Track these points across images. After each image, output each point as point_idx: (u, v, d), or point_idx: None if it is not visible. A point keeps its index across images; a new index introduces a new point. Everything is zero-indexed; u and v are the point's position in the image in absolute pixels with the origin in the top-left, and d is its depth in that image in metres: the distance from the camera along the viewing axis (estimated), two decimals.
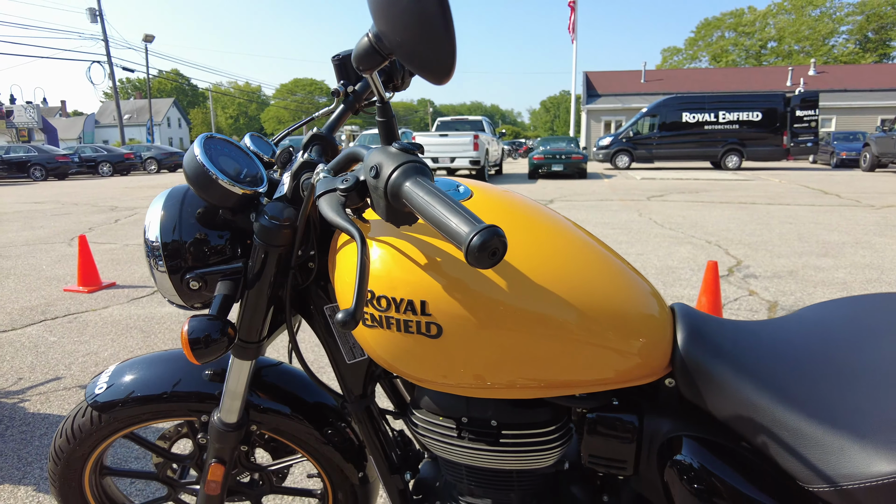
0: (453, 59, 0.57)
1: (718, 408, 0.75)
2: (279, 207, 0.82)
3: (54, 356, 2.93)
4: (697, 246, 5.85)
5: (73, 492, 1.21)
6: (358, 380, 0.95)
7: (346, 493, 1.22)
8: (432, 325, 0.71)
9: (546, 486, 0.91)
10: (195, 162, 0.81)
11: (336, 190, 0.64)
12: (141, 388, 1.08)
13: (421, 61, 0.58)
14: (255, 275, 0.87)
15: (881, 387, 0.71)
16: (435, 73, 0.58)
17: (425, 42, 0.56)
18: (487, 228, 0.49)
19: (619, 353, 0.75)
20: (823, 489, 0.68)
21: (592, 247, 0.82)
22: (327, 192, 0.64)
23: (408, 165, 0.59)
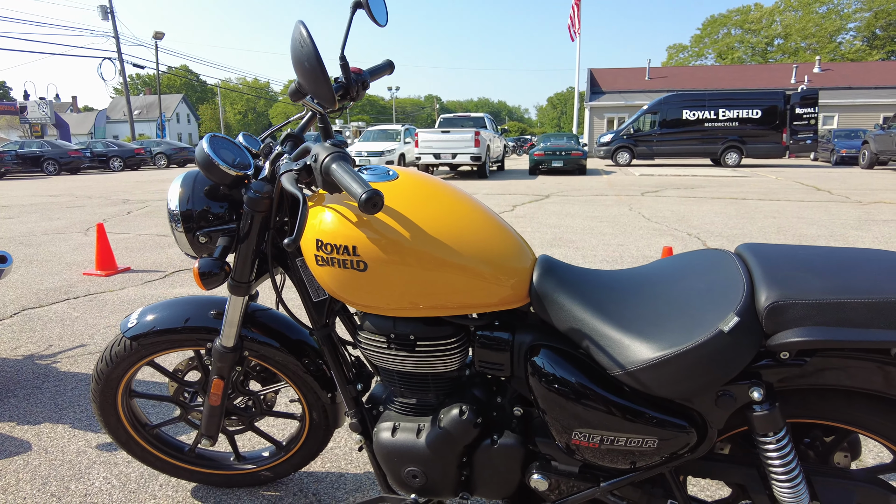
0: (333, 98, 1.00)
1: (559, 324, 1.10)
2: (261, 184, 1.18)
3: (79, 328, 3.31)
4: (677, 238, 6.17)
5: (109, 408, 1.57)
6: (321, 313, 1.31)
7: (319, 413, 1.58)
8: (360, 262, 1.06)
9: (455, 388, 1.26)
10: (203, 153, 1.17)
11: (292, 170, 0.99)
12: (162, 323, 1.44)
13: (318, 98, 1.01)
14: (244, 233, 1.23)
15: (664, 304, 1.06)
16: (325, 104, 1.03)
17: (316, 88, 0.98)
18: (370, 189, 0.84)
19: (496, 285, 1.10)
20: (618, 373, 1.03)
21: (484, 213, 1.16)
22: (287, 172, 0.99)
23: (334, 154, 0.94)
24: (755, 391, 0.99)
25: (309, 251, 1.12)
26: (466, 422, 1.17)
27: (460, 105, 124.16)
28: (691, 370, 0.97)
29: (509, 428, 1.21)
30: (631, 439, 1.06)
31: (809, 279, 0.97)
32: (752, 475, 1.12)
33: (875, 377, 0.97)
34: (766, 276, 0.99)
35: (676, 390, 0.99)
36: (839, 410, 1.04)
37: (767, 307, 0.95)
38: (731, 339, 0.95)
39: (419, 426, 1.23)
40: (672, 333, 0.99)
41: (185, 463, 1.70)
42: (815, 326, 0.93)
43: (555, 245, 5.78)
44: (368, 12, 1.29)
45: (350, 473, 1.86)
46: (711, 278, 1.07)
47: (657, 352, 0.98)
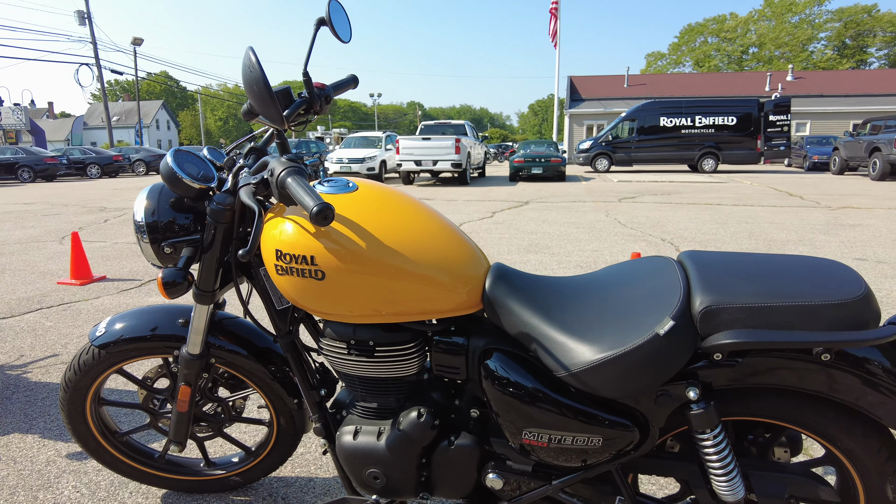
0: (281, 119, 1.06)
1: (509, 328, 1.16)
2: (223, 197, 1.22)
3: (51, 338, 3.29)
4: (651, 243, 6.29)
5: (78, 417, 1.59)
6: (284, 321, 1.35)
7: (286, 418, 1.61)
8: (318, 271, 1.11)
9: (414, 391, 1.30)
10: (167, 167, 1.21)
11: (250, 183, 1.04)
12: (131, 331, 1.47)
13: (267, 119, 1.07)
14: (208, 243, 1.27)
15: (606, 309, 1.12)
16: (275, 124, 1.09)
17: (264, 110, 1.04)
18: (321, 202, 0.89)
19: (451, 292, 1.15)
20: (563, 374, 1.09)
21: (440, 223, 1.22)
22: (245, 185, 1.04)
23: (289, 169, 0.99)
24: (691, 391, 1.05)
25: (269, 261, 1.16)
26: (424, 424, 1.22)
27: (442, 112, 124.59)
28: (630, 371, 1.03)
29: (466, 429, 1.26)
30: (577, 438, 1.12)
31: (740, 285, 1.04)
32: (693, 471, 1.18)
33: (802, 376, 1.04)
34: (701, 282, 1.06)
35: (617, 390, 1.05)
36: (772, 408, 1.11)
37: (701, 311, 1.02)
38: (666, 341, 1.01)
39: (380, 429, 1.28)
40: (612, 336, 1.05)
41: (155, 469, 1.72)
42: (744, 329, 0.99)
43: (531, 251, 5.86)
44: (332, 29, 1.34)
45: (319, 478, 1.90)
46: (652, 284, 1.14)
47: (598, 354, 1.04)
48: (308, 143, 19.39)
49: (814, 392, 1.05)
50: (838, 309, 0.98)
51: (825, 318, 0.98)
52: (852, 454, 1.09)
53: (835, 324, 0.98)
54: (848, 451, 1.09)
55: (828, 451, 1.13)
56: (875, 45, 56.14)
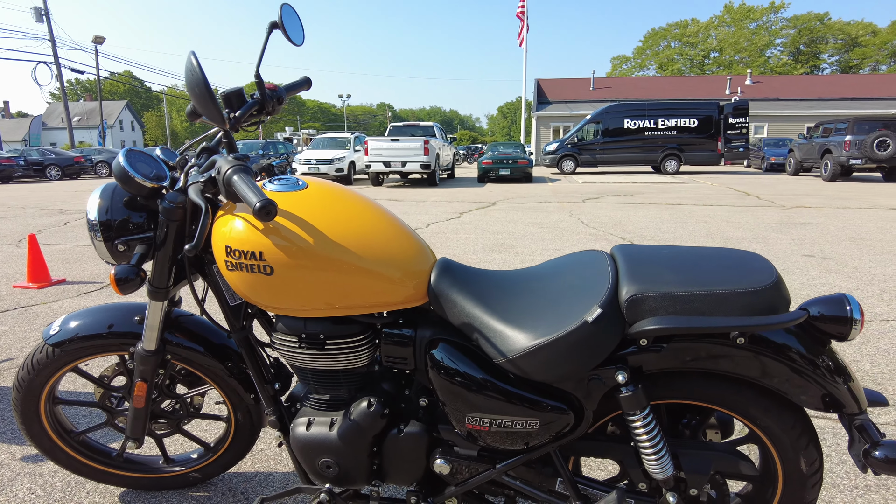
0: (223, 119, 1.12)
1: (453, 319, 1.23)
2: (175, 195, 1.26)
3: (6, 341, 3.23)
4: (611, 242, 6.46)
5: (32, 417, 1.60)
6: (238, 317, 1.40)
7: (244, 413, 1.65)
8: (267, 266, 1.16)
9: (365, 382, 1.36)
10: (119, 166, 1.25)
11: (198, 181, 1.08)
12: (86, 329, 1.49)
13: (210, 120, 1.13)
14: (161, 240, 1.31)
15: (542, 299, 1.20)
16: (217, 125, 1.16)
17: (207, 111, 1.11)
18: (264, 198, 0.94)
19: (398, 286, 1.21)
20: (501, 361, 1.16)
21: (388, 219, 1.28)
22: (194, 183, 1.08)
23: (235, 167, 1.04)
24: (620, 374, 1.14)
25: (220, 257, 1.20)
26: (374, 413, 1.28)
27: (412, 113, 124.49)
28: (562, 356, 1.11)
29: (415, 418, 1.33)
30: (517, 421, 1.19)
31: (664, 274, 1.13)
32: (628, 451, 1.27)
33: (721, 360, 1.13)
34: (628, 273, 1.15)
35: (551, 374, 1.13)
36: (697, 391, 1.20)
37: (627, 299, 1.10)
38: (595, 328, 1.09)
39: (332, 419, 1.33)
40: (545, 324, 1.13)
41: (112, 468, 1.73)
42: (666, 316, 1.08)
43: (495, 250, 5.96)
44: (284, 33, 1.39)
45: (278, 472, 1.93)
46: (583, 275, 1.22)
47: (532, 340, 1.11)
48: (276, 144, 19.20)
49: (733, 374, 1.15)
50: (751, 296, 1.07)
51: (739, 304, 1.07)
52: (770, 431, 1.19)
53: (748, 310, 1.07)
54: (766, 429, 1.19)
55: (749, 429, 1.23)
56: (827, 51, 58.37)
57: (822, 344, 1.12)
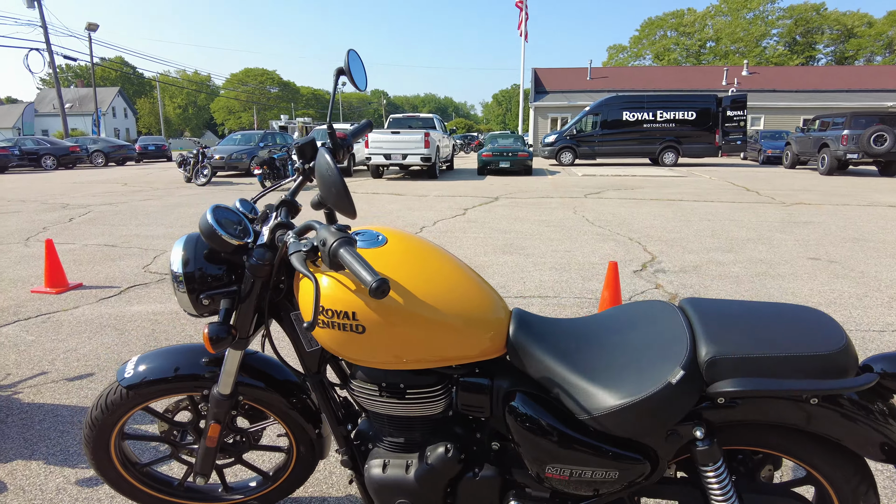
0: (355, 211, 1.18)
1: (533, 372, 1.27)
2: (262, 252, 1.30)
3: (36, 353, 3.26)
4: (620, 243, 6.52)
5: (102, 453, 1.64)
6: (314, 362, 1.44)
7: (306, 446, 1.70)
8: (359, 325, 1.20)
9: (438, 427, 1.41)
10: (207, 224, 1.28)
11: (301, 251, 1.12)
12: (155, 372, 1.53)
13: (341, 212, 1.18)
14: (245, 294, 1.34)
15: (622, 356, 1.25)
16: (349, 217, 1.20)
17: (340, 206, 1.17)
18: (378, 278, 0.98)
19: (477, 340, 1.26)
20: (585, 418, 1.21)
21: (464, 271, 1.32)
22: (296, 252, 1.12)
23: (340, 240, 1.07)
24: (698, 430, 1.20)
25: (309, 314, 1.24)
26: (451, 459, 1.33)
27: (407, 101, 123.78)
28: (646, 415, 1.16)
29: (488, 461, 1.38)
30: (596, 472, 1.25)
31: (740, 336, 1.18)
32: (694, 495, 1.33)
33: (791, 415, 1.19)
34: (704, 333, 1.20)
35: (633, 431, 1.19)
36: (765, 440, 1.26)
37: (706, 361, 1.15)
38: (677, 389, 1.14)
39: (407, 462, 1.38)
40: (629, 384, 1.18)
41: (174, 497, 1.78)
42: (744, 378, 1.14)
43: (506, 251, 6.01)
44: (350, 78, 1.43)
45: (332, 497, 1.99)
46: (658, 330, 1.27)
47: (618, 400, 1.17)
48: (274, 136, 19.07)
49: (800, 427, 1.21)
50: (823, 360, 1.13)
51: (813, 367, 1.13)
52: (832, 478, 1.25)
53: (820, 372, 1.13)
54: (828, 475, 1.26)
55: (809, 474, 1.29)
56: (823, 42, 58.45)
57: (885, 399, 1.19)
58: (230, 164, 16.71)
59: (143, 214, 8.95)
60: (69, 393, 2.76)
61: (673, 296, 4.48)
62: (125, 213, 9.07)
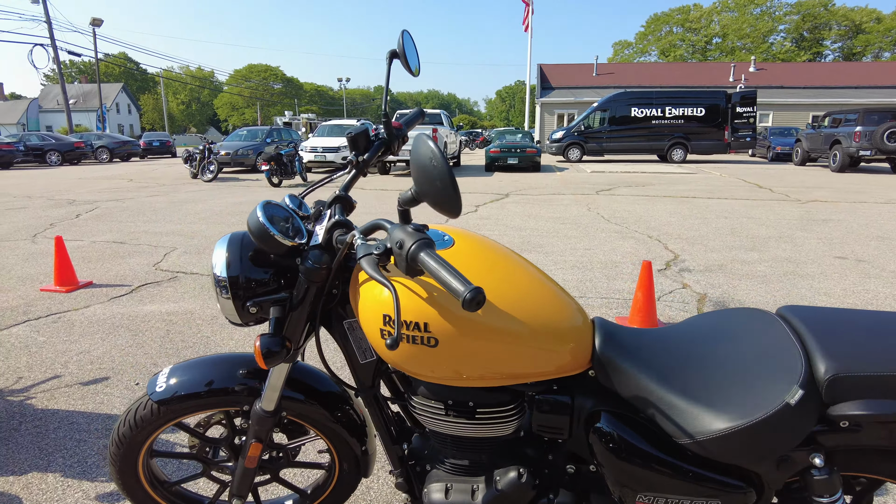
0: (460, 209, 0.99)
1: (623, 390, 1.13)
2: (318, 255, 1.15)
3: (48, 355, 3.13)
4: (639, 241, 6.37)
5: (129, 471, 1.50)
6: (368, 375, 1.30)
7: (350, 463, 1.56)
8: (431, 338, 1.05)
9: (508, 449, 1.27)
10: (258, 223, 1.13)
11: (372, 254, 0.97)
12: (191, 385, 1.39)
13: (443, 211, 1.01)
14: (298, 301, 1.20)
15: (725, 372, 1.11)
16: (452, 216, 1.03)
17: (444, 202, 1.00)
18: (475, 289, 0.83)
19: (557, 354, 1.12)
20: (686, 442, 1.06)
21: (539, 280, 1.18)
22: (366, 255, 0.97)
23: (420, 242, 0.92)
24: (816, 457, 1.05)
25: (372, 324, 1.10)
26: (525, 484, 1.19)
27: (410, 97, 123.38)
28: (758, 440, 1.01)
29: (563, 486, 1.24)
30: (695, 501, 1.10)
31: (862, 351, 1.04)
32: None
33: None
34: (821, 347, 1.05)
35: (742, 457, 1.04)
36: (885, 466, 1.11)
37: (828, 380, 1.01)
38: (795, 410, 1.00)
39: (473, 487, 1.24)
40: (739, 405, 1.03)
41: None
42: (874, 400, 0.99)
43: (524, 250, 5.86)
44: (404, 61, 1.29)
45: None
46: (762, 343, 1.12)
47: (726, 423, 1.02)
48: (279, 132, 18.91)
49: None
50: None
51: None
52: None
53: None
54: None
55: None
56: (830, 38, 57.98)
57: None
58: (236, 160, 16.57)
59: (150, 211, 8.82)
60: (84, 398, 2.62)
61: (703, 295, 4.34)
62: (132, 210, 8.94)
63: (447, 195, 0.97)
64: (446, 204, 0.99)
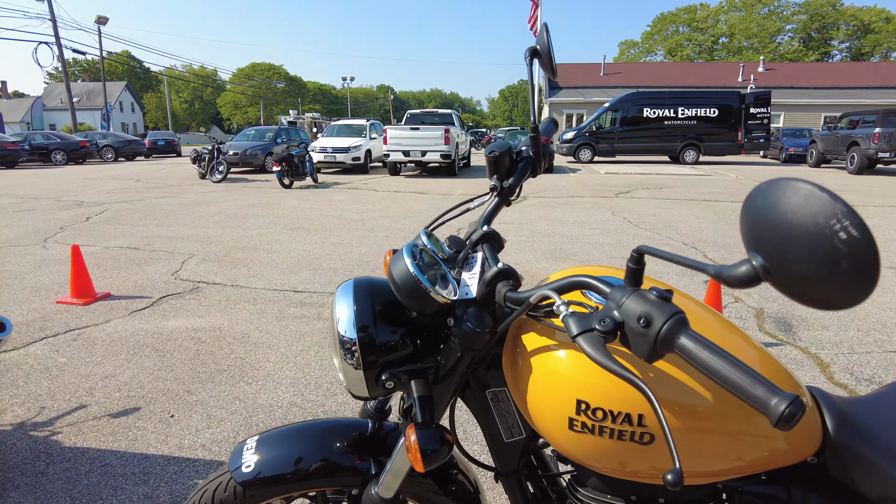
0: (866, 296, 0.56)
1: (866, 488, 0.86)
2: (480, 315, 0.88)
3: (70, 380, 2.87)
4: (675, 249, 6.10)
5: None
6: (513, 456, 1.03)
7: None
8: (646, 434, 0.79)
9: None
10: (409, 275, 0.86)
11: (595, 330, 0.70)
12: (286, 464, 1.12)
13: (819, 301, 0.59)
14: (446, 371, 0.93)
15: None
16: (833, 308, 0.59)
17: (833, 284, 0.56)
18: (795, 400, 0.56)
19: (778, 440, 0.85)
20: None
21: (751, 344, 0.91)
22: (586, 333, 0.70)
23: (677, 318, 0.65)
24: None
25: (553, 409, 0.83)
26: None
27: (413, 96, 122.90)
28: None
29: None
30: None
31: None
32: None
33: None
34: None
35: None
36: None
37: None
38: None
39: None
40: None
41: None
42: None
43: (558, 258, 5.59)
44: (548, 61, 1.04)
45: None
46: None
47: None
48: (288, 131, 18.63)
49: None
50: None
51: None
52: None
53: None
54: None
55: None
56: (838, 37, 57.57)
57: None
58: (244, 161, 16.31)
59: (162, 213, 8.56)
60: (115, 434, 2.36)
61: (759, 310, 4.07)
62: (143, 212, 8.69)
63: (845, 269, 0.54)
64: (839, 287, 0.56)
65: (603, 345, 0.68)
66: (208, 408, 2.57)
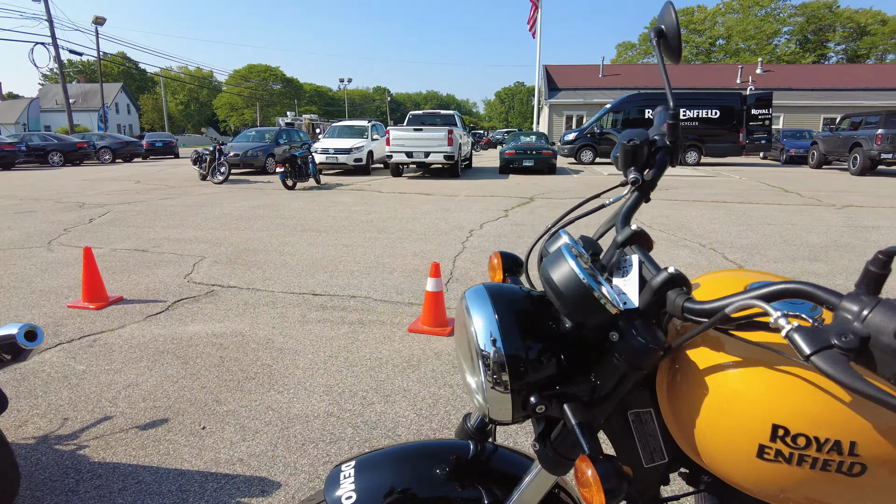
0: None
1: None
2: (650, 328, 0.76)
3: (91, 389, 2.74)
4: (693, 250, 6.01)
5: None
6: (652, 481, 0.92)
7: None
8: (857, 464, 0.68)
9: None
10: (576, 281, 0.74)
11: (835, 347, 0.58)
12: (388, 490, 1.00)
13: None
14: (606, 393, 0.81)
15: None
16: None
17: None
18: None
19: None
20: None
21: None
22: (825, 350, 0.58)
23: None
24: None
25: (745, 440, 0.72)
26: None
27: (409, 98, 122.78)
28: None
29: None
30: None
31: None
32: None
33: None
34: None
35: None
36: None
37: None
38: None
39: None
40: None
41: None
42: None
43: None
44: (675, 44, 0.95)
45: None
46: None
47: None
48: (289, 132, 18.48)
49: None
50: None
51: None
52: None
53: None
54: None
55: None
56: (835, 39, 57.81)
57: None
58: (245, 162, 16.15)
59: (166, 215, 8.41)
60: (145, 447, 2.23)
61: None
62: (147, 214, 8.54)
63: None
64: None
65: (848, 363, 0.56)
66: (240, 418, 2.45)
